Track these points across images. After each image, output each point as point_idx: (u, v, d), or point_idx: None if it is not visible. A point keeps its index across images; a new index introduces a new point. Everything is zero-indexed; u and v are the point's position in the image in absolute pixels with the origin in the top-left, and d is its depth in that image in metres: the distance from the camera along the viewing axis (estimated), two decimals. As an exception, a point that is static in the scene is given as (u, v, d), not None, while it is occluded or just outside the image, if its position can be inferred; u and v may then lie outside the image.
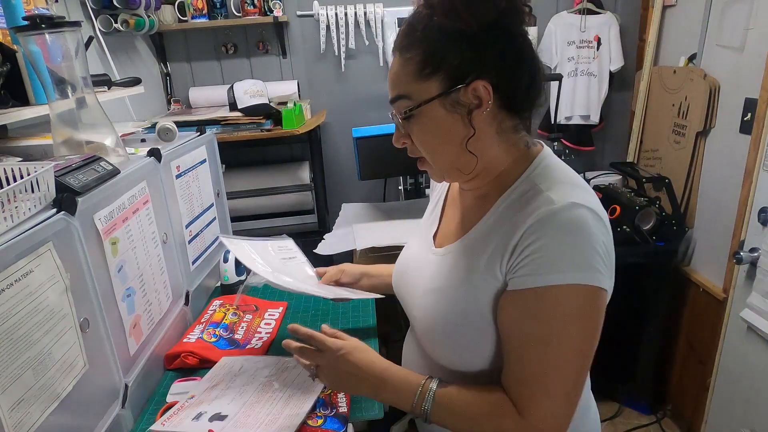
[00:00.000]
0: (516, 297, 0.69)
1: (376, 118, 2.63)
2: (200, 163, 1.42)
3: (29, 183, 0.74)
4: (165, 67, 2.54)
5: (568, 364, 0.69)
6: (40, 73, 1.04)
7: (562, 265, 0.66)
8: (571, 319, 0.67)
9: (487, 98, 0.70)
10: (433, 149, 0.76)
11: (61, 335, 0.76)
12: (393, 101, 0.76)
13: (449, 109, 0.72)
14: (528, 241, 0.67)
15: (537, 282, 0.67)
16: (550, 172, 0.74)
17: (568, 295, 0.67)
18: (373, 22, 2.50)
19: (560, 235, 0.66)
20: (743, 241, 1.76)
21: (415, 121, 0.74)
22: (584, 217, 0.67)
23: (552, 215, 0.67)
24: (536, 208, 0.68)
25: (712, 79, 1.94)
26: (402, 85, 0.73)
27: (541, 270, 0.66)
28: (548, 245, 0.66)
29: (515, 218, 0.70)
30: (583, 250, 0.66)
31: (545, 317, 0.67)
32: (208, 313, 1.34)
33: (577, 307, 0.67)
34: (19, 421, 0.67)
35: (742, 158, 1.77)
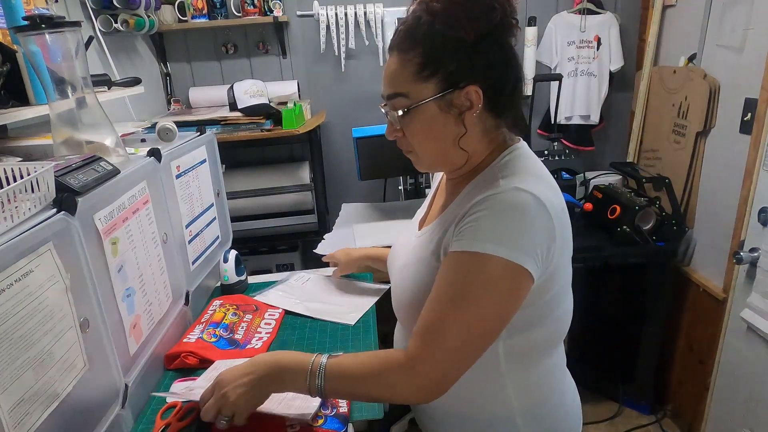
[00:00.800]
0: (448, 258, 0.77)
1: (376, 118, 2.63)
2: (200, 163, 1.42)
3: (29, 183, 0.74)
4: (165, 67, 2.54)
5: (468, 327, 0.74)
6: (40, 73, 1.04)
7: (490, 237, 0.72)
8: (483, 288, 0.73)
9: (478, 102, 0.77)
10: (424, 144, 0.83)
11: (61, 335, 0.76)
12: (389, 97, 0.81)
13: (443, 110, 0.78)
14: (470, 212, 0.75)
15: (464, 246, 0.74)
16: (512, 163, 0.81)
17: (486, 264, 0.72)
18: (373, 22, 2.50)
19: (496, 211, 0.73)
20: (743, 241, 1.76)
21: (410, 118, 0.80)
22: (524, 200, 0.73)
23: (494, 195, 0.74)
24: (486, 190, 0.76)
25: (712, 79, 1.94)
26: (400, 83, 0.79)
27: (472, 237, 0.73)
28: (483, 217, 0.73)
29: (472, 197, 0.77)
30: (513, 229, 0.72)
31: (461, 279, 0.74)
32: (208, 313, 1.34)
33: (492, 278, 0.72)
34: (19, 421, 0.67)
35: (742, 158, 1.77)
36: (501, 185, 0.75)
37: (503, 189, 0.74)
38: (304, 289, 1.50)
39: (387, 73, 0.81)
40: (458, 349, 0.75)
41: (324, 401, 0.96)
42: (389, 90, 0.81)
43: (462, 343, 0.75)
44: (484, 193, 0.75)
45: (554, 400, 0.90)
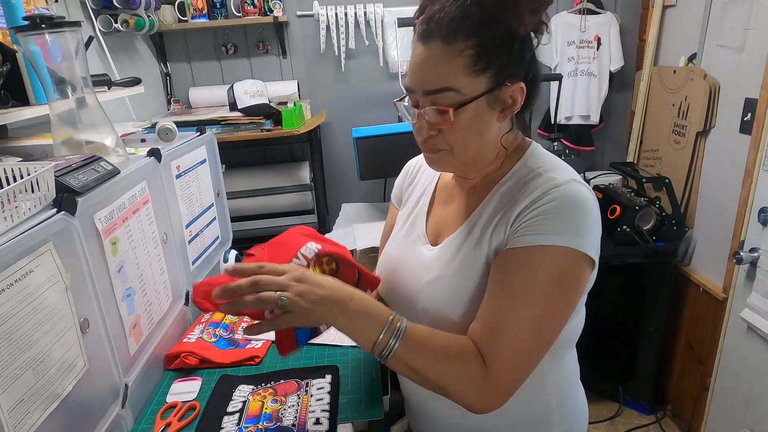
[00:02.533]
0: (508, 254, 0.72)
1: (376, 118, 2.63)
2: (200, 163, 1.42)
3: (29, 183, 0.74)
4: (165, 67, 2.54)
5: (541, 324, 0.70)
6: (40, 73, 1.04)
7: (559, 228, 0.69)
8: (552, 279, 0.70)
9: (520, 100, 0.74)
10: (466, 143, 0.76)
11: (61, 335, 0.76)
12: (434, 92, 0.72)
13: (491, 106, 0.74)
14: (531, 208, 0.71)
15: (530, 241, 0.70)
16: (544, 159, 0.79)
17: (556, 256, 0.69)
18: (373, 22, 2.49)
19: (562, 203, 0.70)
20: (743, 241, 1.76)
21: (460, 115, 0.72)
22: (585, 192, 0.72)
23: (556, 187, 0.71)
24: (540, 184, 0.73)
25: (712, 79, 1.94)
26: (450, 77, 0.71)
27: (539, 231, 0.70)
28: (551, 210, 0.70)
29: (517, 197, 0.74)
30: (581, 221, 0.70)
31: (529, 272, 0.70)
32: (208, 313, 1.34)
33: (562, 270, 0.70)
34: (19, 421, 0.67)
35: (742, 158, 1.77)
36: (556, 178, 0.73)
37: (562, 181, 0.72)
38: None
39: (426, 64, 0.72)
40: (531, 350, 0.71)
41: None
42: (434, 84, 0.72)
43: (536, 342, 0.71)
44: (537, 187, 0.72)
45: (577, 393, 0.90)
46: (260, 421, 0.96)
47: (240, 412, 0.99)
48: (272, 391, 1.04)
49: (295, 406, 0.99)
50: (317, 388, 1.04)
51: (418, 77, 0.73)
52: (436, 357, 0.71)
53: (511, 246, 0.72)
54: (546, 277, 0.69)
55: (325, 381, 1.06)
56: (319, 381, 1.06)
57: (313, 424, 0.94)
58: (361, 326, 0.71)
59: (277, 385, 1.06)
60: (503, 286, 0.71)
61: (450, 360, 0.71)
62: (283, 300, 0.68)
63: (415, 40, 0.74)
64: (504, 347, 0.70)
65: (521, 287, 0.70)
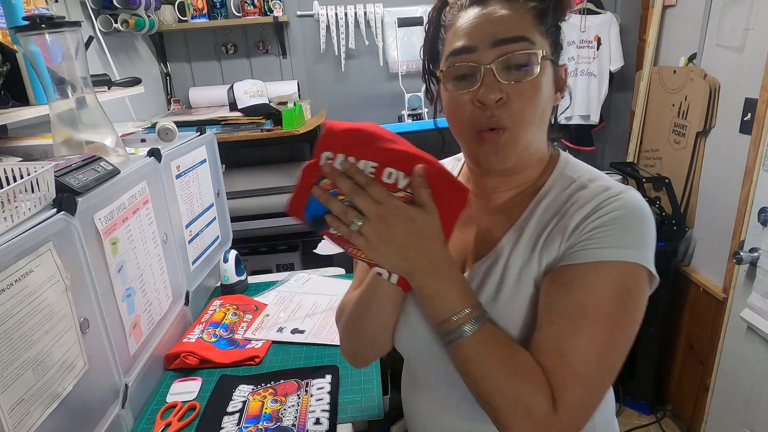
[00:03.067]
0: (565, 271, 0.63)
1: (376, 118, 2.63)
2: (200, 163, 1.42)
3: (29, 183, 0.74)
4: (165, 67, 2.54)
5: (605, 345, 0.61)
6: (40, 73, 1.04)
7: (623, 241, 0.62)
8: (617, 298, 0.61)
9: (564, 85, 0.70)
10: (532, 118, 0.65)
11: (60, 335, 0.76)
12: (507, 42, 0.63)
13: (553, 79, 0.67)
14: (590, 220, 0.63)
15: (592, 256, 0.62)
16: (581, 168, 0.72)
17: (620, 271, 0.62)
18: (373, 22, 2.49)
19: (625, 213, 0.63)
20: (743, 241, 1.76)
21: (530, 73, 0.63)
22: (642, 201, 0.65)
23: (614, 197, 0.64)
24: (594, 194, 0.65)
25: (712, 79, 1.94)
26: (523, 27, 0.64)
27: (601, 244, 0.62)
28: (611, 221, 0.62)
29: (566, 209, 0.66)
30: (644, 231, 0.63)
31: (592, 290, 0.61)
32: (208, 313, 1.34)
33: (626, 287, 0.62)
34: (19, 421, 0.67)
35: (742, 158, 1.77)
36: (609, 187, 0.65)
37: (619, 190, 0.65)
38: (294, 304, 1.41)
39: (491, 18, 0.64)
40: (600, 381, 0.62)
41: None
42: (507, 32, 0.63)
43: (605, 372, 0.62)
44: (593, 197, 0.65)
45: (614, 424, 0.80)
46: (260, 421, 0.96)
47: (240, 412, 0.99)
48: (272, 391, 1.04)
49: (295, 406, 0.99)
50: (317, 388, 1.04)
51: (480, 31, 0.64)
52: (505, 368, 0.61)
53: (569, 262, 0.63)
54: (611, 295, 0.61)
55: (325, 381, 1.06)
56: (319, 381, 1.06)
57: (313, 424, 0.94)
58: (444, 294, 0.63)
59: (277, 385, 1.06)
60: (563, 307, 0.62)
61: (519, 380, 0.60)
62: (355, 225, 0.60)
63: (463, 6, 0.67)
64: (575, 384, 0.60)
65: (584, 308, 0.61)
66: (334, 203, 0.61)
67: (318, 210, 0.63)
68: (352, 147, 0.60)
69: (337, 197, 0.61)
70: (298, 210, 0.65)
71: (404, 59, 2.56)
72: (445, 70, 0.67)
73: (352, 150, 0.60)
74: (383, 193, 0.59)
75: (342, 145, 0.60)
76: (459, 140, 0.71)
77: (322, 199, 0.61)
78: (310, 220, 0.65)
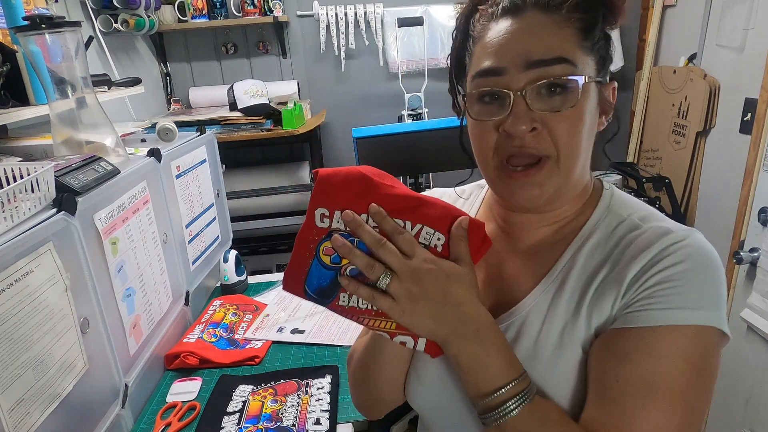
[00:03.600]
0: (625, 335, 0.53)
1: (376, 118, 2.63)
2: (200, 163, 1.42)
3: (29, 183, 0.74)
4: (165, 67, 2.54)
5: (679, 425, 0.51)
6: (40, 73, 1.04)
7: (696, 300, 0.52)
8: (692, 369, 0.52)
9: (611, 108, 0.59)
10: (577, 148, 0.56)
11: (61, 335, 0.76)
12: (544, 64, 0.53)
13: (599, 102, 0.57)
14: (652, 272, 0.53)
15: (659, 318, 0.52)
16: (630, 203, 0.62)
17: (695, 337, 0.52)
18: (373, 22, 2.49)
19: (695, 265, 0.53)
20: (743, 241, 1.76)
21: (572, 97, 0.53)
22: (710, 248, 0.55)
23: (678, 242, 0.54)
24: (652, 238, 0.55)
25: (712, 79, 1.94)
26: (563, 46, 0.53)
27: (671, 304, 0.52)
28: (680, 275, 0.52)
29: (618, 254, 0.56)
30: (716, 286, 0.53)
31: (662, 361, 0.51)
32: (208, 313, 1.34)
33: (701, 355, 0.52)
34: (19, 421, 0.67)
35: (742, 158, 1.77)
36: (670, 229, 0.55)
37: (683, 234, 0.54)
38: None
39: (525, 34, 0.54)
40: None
41: None
42: (543, 53, 0.53)
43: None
44: (652, 242, 0.54)
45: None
46: (260, 421, 0.96)
47: (240, 412, 0.99)
48: (272, 391, 1.04)
49: (295, 406, 0.99)
50: (317, 388, 1.04)
51: (511, 51, 0.54)
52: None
53: (628, 325, 0.53)
54: (684, 367, 0.51)
55: (325, 381, 1.06)
56: (319, 381, 1.06)
57: (313, 424, 0.94)
58: (488, 363, 0.54)
59: (277, 385, 1.06)
60: (626, 381, 0.52)
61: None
62: (383, 281, 0.52)
63: (494, 15, 0.57)
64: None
65: (653, 383, 0.51)
66: (358, 256, 0.53)
67: (321, 279, 0.56)
68: (353, 201, 0.54)
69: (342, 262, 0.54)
70: (296, 283, 0.57)
71: (404, 59, 2.56)
72: (469, 93, 0.58)
73: (353, 204, 0.54)
74: (413, 243, 0.53)
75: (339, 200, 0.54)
76: (482, 172, 0.61)
77: (342, 251, 0.53)
78: (313, 293, 0.57)
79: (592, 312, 0.55)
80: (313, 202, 0.54)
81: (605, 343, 0.54)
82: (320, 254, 0.55)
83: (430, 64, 2.54)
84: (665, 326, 0.51)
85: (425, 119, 2.44)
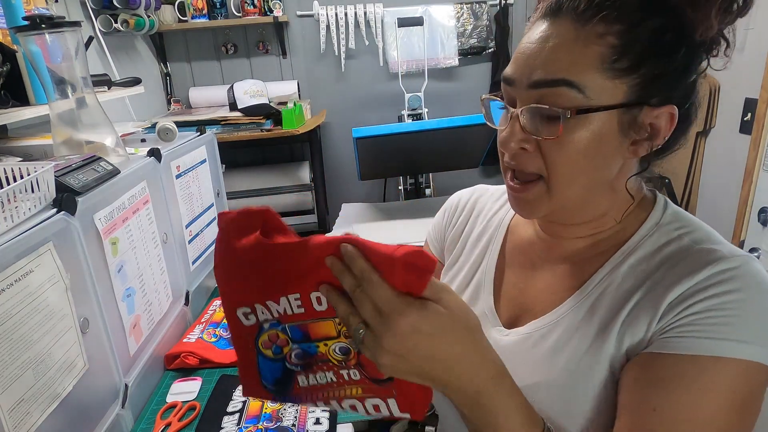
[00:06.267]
0: (660, 361, 0.49)
1: (376, 118, 2.63)
2: (200, 163, 1.42)
3: (29, 183, 0.74)
4: (165, 67, 2.54)
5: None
6: (40, 73, 1.04)
7: (746, 333, 0.48)
8: (736, 406, 0.48)
9: (666, 133, 0.52)
10: (573, 173, 0.53)
11: (61, 335, 0.76)
12: (543, 85, 0.51)
13: (623, 129, 0.51)
14: (698, 297, 0.49)
15: (701, 348, 0.48)
16: (686, 220, 0.57)
17: (742, 374, 0.48)
18: (373, 22, 2.50)
19: (750, 296, 0.49)
20: (743, 241, 1.76)
21: (572, 126, 0.50)
22: (765, 276, 0.51)
23: (733, 269, 0.49)
24: (702, 262, 0.51)
25: (712, 79, 1.94)
26: (574, 68, 0.49)
27: (716, 334, 0.48)
28: (730, 304, 0.48)
29: (661, 274, 0.53)
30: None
31: (700, 394, 0.48)
32: (208, 313, 1.34)
33: (746, 392, 0.48)
34: (19, 421, 0.67)
35: (742, 158, 1.77)
36: (723, 253, 0.51)
37: (735, 263, 0.50)
38: None
39: (542, 47, 0.51)
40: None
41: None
42: (547, 73, 0.50)
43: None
44: (703, 264, 0.50)
45: None
46: (260, 421, 0.95)
47: (240, 412, 0.99)
48: None
49: (295, 405, 0.99)
50: (317, 388, 1.04)
51: (525, 63, 0.52)
52: None
53: (667, 350, 0.49)
54: (726, 404, 0.48)
55: None
56: (319, 381, 1.06)
57: (313, 424, 0.94)
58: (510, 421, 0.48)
59: None
60: (662, 411, 0.48)
61: None
62: (359, 333, 0.45)
63: (536, 18, 0.55)
64: None
65: (691, 417, 0.48)
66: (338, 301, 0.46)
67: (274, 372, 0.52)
68: (265, 288, 0.49)
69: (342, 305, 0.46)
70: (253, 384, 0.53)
71: (404, 59, 2.56)
72: (483, 97, 0.58)
73: (267, 291, 0.49)
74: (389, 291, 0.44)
75: (248, 295, 0.49)
76: None
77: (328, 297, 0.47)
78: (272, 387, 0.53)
79: (625, 332, 0.52)
80: (228, 303, 0.51)
81: (640, 366, 0.51)
82: (261, 350, 0.52)
83: (430, 64, 2.54)
84: (710, 357, 0.48)
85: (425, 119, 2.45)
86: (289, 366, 0.52)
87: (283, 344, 0.51)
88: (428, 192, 2.43)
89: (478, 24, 2.68)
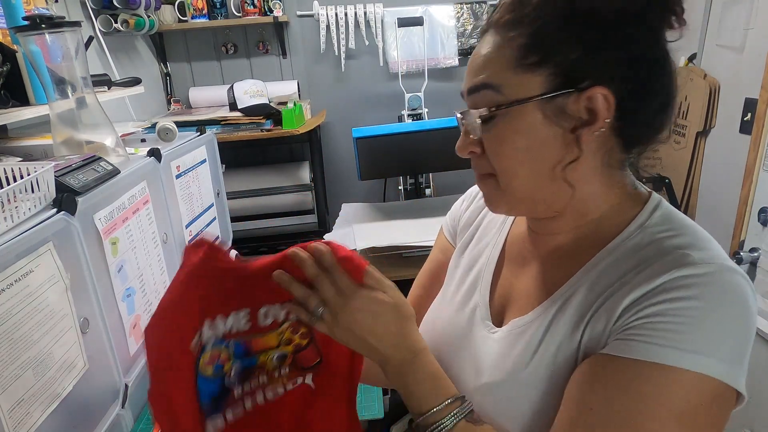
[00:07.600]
0: (607, 362, 0.49)
1: (376, 118, 2.63)
2: (200, 163, 1.42)
3: (29, 183, 0.74)
4: (165, 67, 2.54)
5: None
6: (40, 73, 1.04)
7: (701, 346, 0.46)
8: (675, 420, 0.46)
9: (605, 115, 0.51)
10: (513, 167, 0.55)
11: (61, 335, 0.76)
12: (472, 91, 0.56)
13: (550, 118, 0.53)
14: (654, 300, 0.48)
15: (646, 353, 0.46)
16: (675, 222, 0.56)
17: (688, 387, 0.46)
18: (373, 22, 2.50)
19: (710, 306, 0.46)
20: (743, 241, 1.76)
21: (499, 123, 0.54)
22: (744, 289, 0.48)
23: (701, 276, 0.47)
24: (672, 263, 0.49)
25: (712, 79, 1.94)
26: (492, 71, 0.54)
27: (663, 340, 0.46)
28: (686, 311, 0.46)
29: (629, 275, 0.51)
30: (735, 337, 0.47)
31: (642, 400, 0.46)
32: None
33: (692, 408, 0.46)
34: (19, 421, 0.67)
35: (742, 158, 1.77)
36: (695, 259, 0.49)
37: (706, 266, 0.48)
38: None
39: (475, 58, 0.56)
40: None
41: None
42: (474, 80, 0.55)
43: None
44: (669, 267, 0.49)
45: None
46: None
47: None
48: None
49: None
50: (317, 388, 1.04)
51: (465, 76, 0.58)
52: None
53: (612, 352, 0.48)
54: (665, 415, 0.46)
55: None
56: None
57: None
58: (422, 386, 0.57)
59: None
60: (599, 412, 0.48)
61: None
62: (318, 311, 0.57)
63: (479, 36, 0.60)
64: None
65: (627, 423, 0.46)
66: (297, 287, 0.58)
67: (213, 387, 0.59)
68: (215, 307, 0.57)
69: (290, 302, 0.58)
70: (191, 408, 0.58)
71: (404, 59, 2.56)
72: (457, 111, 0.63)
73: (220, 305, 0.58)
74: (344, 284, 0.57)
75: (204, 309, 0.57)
76: None
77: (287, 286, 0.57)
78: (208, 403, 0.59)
79: (586, 331, 0.52)
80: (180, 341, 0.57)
81: (589, 365, 0.51)
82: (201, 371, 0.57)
83: (430, 64, 2.54)
84: (652, 363, 0.46)
85: (425, 119, 2.45)
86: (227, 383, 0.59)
87: (225, 361, 0.58)
88: (428, 192, 2.43)
89: (478, 24, 2.68)
